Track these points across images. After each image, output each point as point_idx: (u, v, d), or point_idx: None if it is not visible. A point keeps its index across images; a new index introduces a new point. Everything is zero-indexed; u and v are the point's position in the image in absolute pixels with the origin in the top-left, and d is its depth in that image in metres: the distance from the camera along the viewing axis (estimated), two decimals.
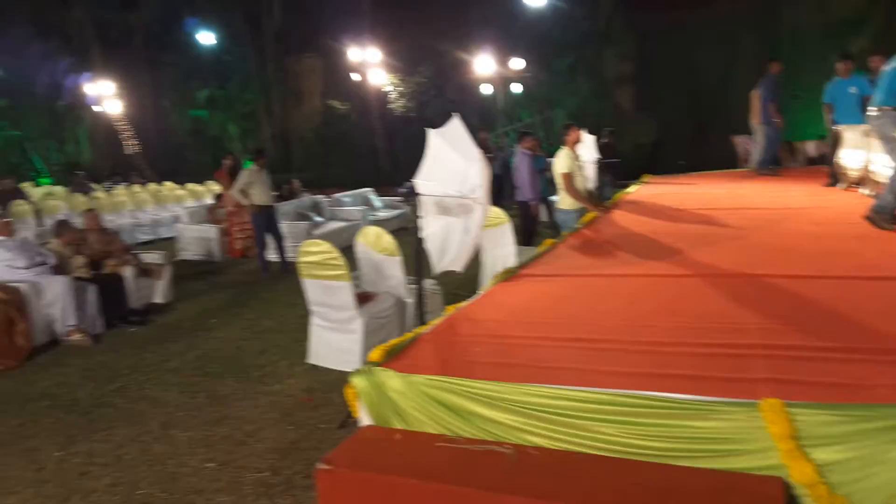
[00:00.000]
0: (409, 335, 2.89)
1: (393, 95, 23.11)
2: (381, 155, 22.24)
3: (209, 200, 15.11)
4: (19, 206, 12.45)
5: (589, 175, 8.47)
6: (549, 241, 5.07)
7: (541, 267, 4.22)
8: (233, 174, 9.98)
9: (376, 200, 13.34)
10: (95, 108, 22.76)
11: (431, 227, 3.85)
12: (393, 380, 2.44)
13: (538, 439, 2.22)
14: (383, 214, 12.44)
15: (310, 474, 3.42)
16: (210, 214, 11.39)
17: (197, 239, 10.98)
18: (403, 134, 22.15)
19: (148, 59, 22.81)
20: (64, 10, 23.46)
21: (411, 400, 2.40)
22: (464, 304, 3.39)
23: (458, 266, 3.84)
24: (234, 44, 22.27)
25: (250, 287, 8.43)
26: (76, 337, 6.19)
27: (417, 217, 3.91)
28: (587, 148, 9.10)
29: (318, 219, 11.40)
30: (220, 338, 6.21)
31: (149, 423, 4.25)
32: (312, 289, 5.10)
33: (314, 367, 5.19)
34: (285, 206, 11.03)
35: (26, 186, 17.03)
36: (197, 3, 21.37)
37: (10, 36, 24.37)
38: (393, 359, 2.60)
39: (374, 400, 2.47)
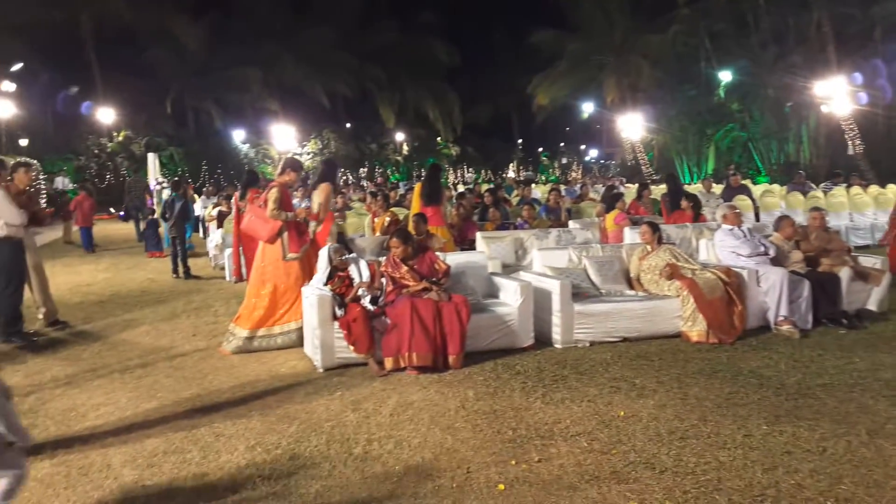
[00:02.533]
0: None
1: None
2: None
3: None
4: (741, 200, 13.54)
5: None
6: None
7: None
8: None
9: None
10: (823, 109, 22.57)
11: None
12: None
13: None
14: None
15: None
16: None
17: None
18: None
19: (886, 53, 21.19)
20: (802, 12, 23.96)
21: None
22: None
23: None
24: None
25: None
26: (785, 328, 6.43)
27: None
28: None
29: None
30: None
31: (855, 426, 4.10)
32: None
33: None
34: None
35: (748, 183, 18.36)
36: None
37: (747, 43, 26.49)
38: None
39: None
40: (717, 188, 15.90)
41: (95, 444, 4.11)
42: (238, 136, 35.41)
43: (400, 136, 45.14)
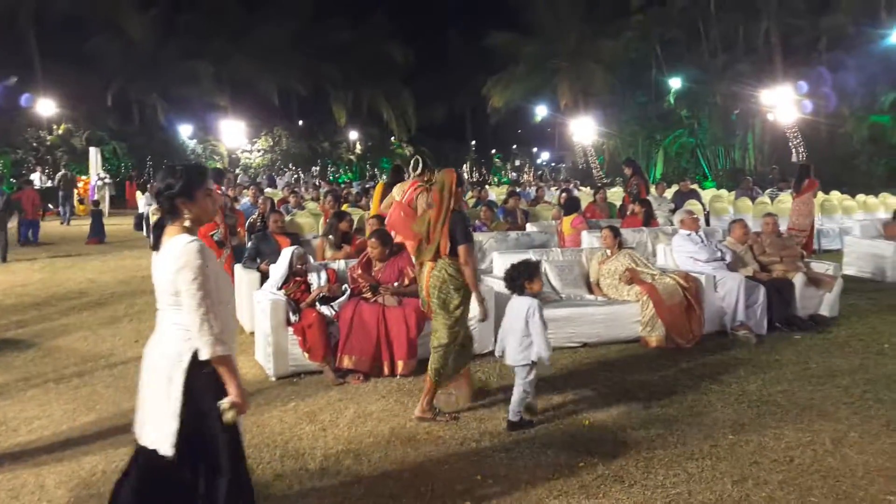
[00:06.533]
0: None
1: None
2: None
3: (882, 214, 13.74)
4: (692, 205, 13.71)
5: None
6: None
7: None
8: None
9: None
10: (769, 117, 23.18)
11: None
12: None
13: None
14: None
15: None
16: (886, 230, 10.28)
17: (867, 255, 10.06)
18: None
19: (830, 64, 21.86)
20: (751, 22, 24.59)
21: None
22: None
23: None
24: None
25: None
26: (742, 333, 6.46)
27: None
28: None
29: None
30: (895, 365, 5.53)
31: (819, 434, 4.10)
32: None
33: None
34: None
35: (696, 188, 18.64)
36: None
37: (698, 51, 27.07)
38: None
39: None
40: (668, 192, 16.11)
41: (28, 462, 3.79)
42: (185, 131, 34.37)
43: (353, 135, 44.61)
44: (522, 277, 4.35)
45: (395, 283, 5.68)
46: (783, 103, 21.73)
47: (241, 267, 6.90)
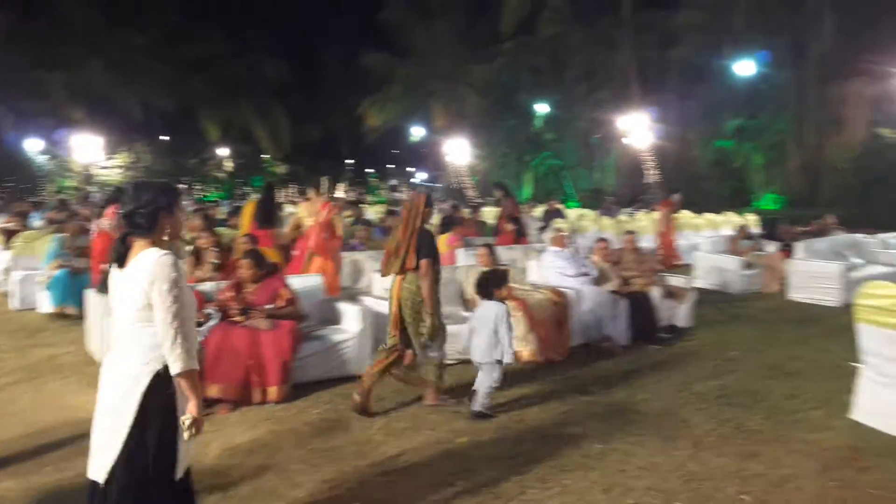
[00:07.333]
0: None
1: None
2: None
3: (727, 231, 14.93)
4: (558, 223, 14.32)
5: None
6: None
7: None
8: None
9: None
10: (624, 141, 24.76)
11: None
12: None
13: None
14: None
15: None
16: (731, 245, 11.22)
17: (714, 269, 10.90)
18: None
19: (679, 92, 23.75)
20: (609, 52, 26.26)
21: None
22: None
23: None
24: (773, 72, 21.36)
25: (773, 325, 7.94)
26: (606, 344, 6.78)
27: None
28: None
29: (857, 260, 10.07)
30: (743, 371, 5.99)
31: (679, 440, 4.34)
32: (871, 337, 4.48)
33: (858, 424, 4.56)
34: (817, 244, 10.10)
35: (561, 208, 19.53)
36: (739, 33, 21.22)
37: (563, 78, 28.53)
38: None
39: None
40: (537, 211, 16.75)
41: None
42: (36, 146, 31.61)
43: (224, 152, 42.93)
44: (492, 285, 4.87)
45: (269, 306, 5.47)
46: (638, 129, 23.32)
47: (96, 293, 6.31)
